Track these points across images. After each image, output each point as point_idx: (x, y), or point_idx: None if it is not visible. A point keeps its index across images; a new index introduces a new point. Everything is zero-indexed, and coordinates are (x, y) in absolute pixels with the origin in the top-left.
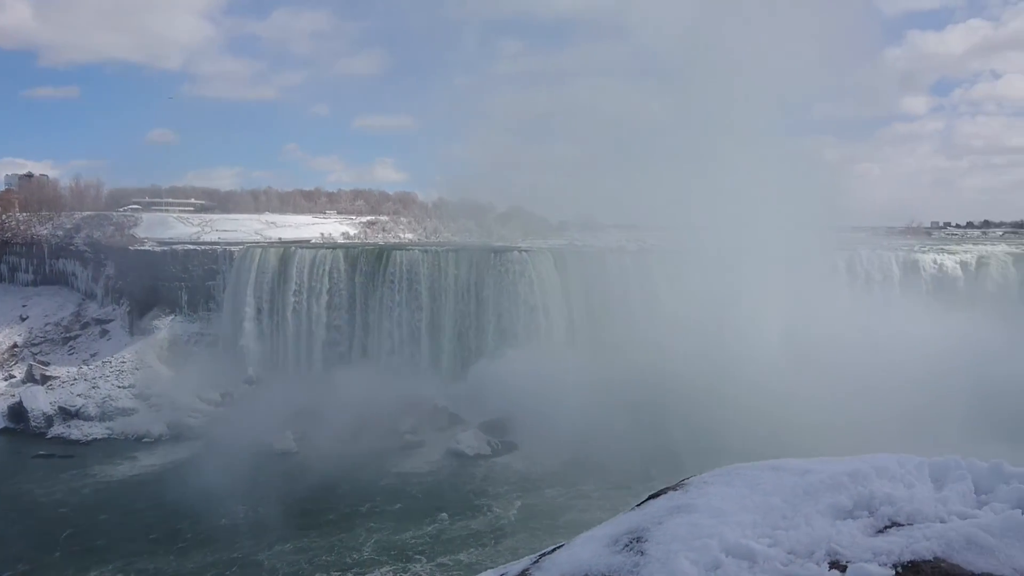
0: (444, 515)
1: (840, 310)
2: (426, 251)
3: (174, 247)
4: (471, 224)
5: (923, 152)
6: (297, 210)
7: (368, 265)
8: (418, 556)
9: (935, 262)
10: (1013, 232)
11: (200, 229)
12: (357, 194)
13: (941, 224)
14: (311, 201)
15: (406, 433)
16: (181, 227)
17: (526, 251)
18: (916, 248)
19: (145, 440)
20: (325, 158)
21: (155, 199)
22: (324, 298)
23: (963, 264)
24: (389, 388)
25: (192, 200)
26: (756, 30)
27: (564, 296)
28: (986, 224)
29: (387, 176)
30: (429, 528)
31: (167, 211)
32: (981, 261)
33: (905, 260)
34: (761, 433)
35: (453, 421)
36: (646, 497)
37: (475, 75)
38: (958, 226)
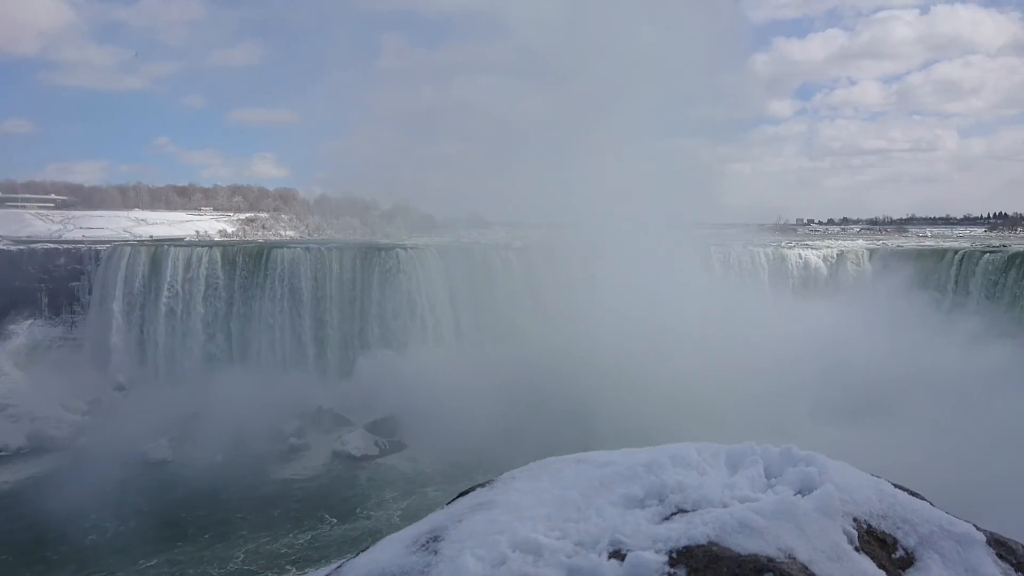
0: (324, 521)
1: (714, 301)
2: (308, 249)
3: (32, 246)
4: (355, 221)
5: (789, 153)
6: (170, 207)
7: (248, 264)
8: (289, 566)
9: (800, 257)
10: (868, 228)
11: (62, 227)
12: (235, 190)
13: (806, 221)
14: (185, 197)
15: (290, 437)
16: (40, 224)
17: (412, 248)
18: (783, 244)
19: (1, 454)
20: (200, 152)
21: (10, 194)
22: (200, 299)
23: (825, 258)
24: (271, 391)
25: (52, 196)
26: (633, 33)
27: (450, 293)
28: (845, 221)
29: (267, 172)
30: (306, 535)
31: (24, 207)
32: (840, 256)
33: (773, 255)
34: (630, 417)
35: (339, 422)
36: (456, 495)
37: (358, 69)
38: (820, 223)
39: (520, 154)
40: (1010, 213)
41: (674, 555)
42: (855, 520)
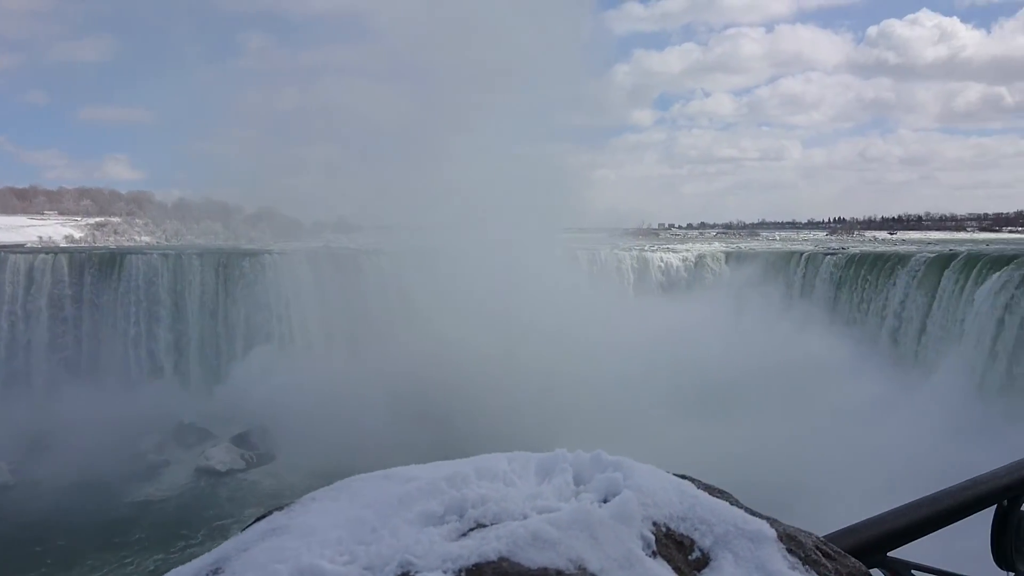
0: (177, 543)
1: (579, 303)
2: (166, 255)
3: None
4: (217, 226)
5: (650, 160)
6: (8, 210)
7: (99, 271)
8: None
9: (661, 260)
10: (724, 232)
11: None
12: (83, 193)
13: (667, 225)
14: (26, 200)
15: (148, 454)
16: None
17: (279, 254)
18: (647, 247)
19: None
20: (43, 152)
21: None
22: (45, 309)
23: (684, 260)
24: (128, 406)
25: None
26: (499, 41)
27: (320, 299)
28: (703, 225)
29: (120, 174)
30: (155, 559)
31: None
32: (700, 258)
33: (638, 258)
34: (498, 419)
35: (202, 436)
36: (253, 520)
37: (218, 68)
38: (680, 227)
39: (387, 158)
40: (847, 218)
41: (463, 574)
42: (655, 524)
